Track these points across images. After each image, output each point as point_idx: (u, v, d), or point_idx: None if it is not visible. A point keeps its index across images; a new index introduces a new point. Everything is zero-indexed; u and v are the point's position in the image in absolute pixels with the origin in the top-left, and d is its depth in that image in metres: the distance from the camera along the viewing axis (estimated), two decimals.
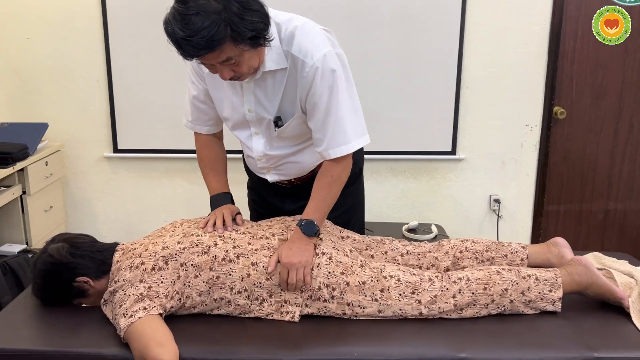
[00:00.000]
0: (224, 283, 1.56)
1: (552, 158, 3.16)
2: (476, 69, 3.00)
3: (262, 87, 1.57)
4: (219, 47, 1.35)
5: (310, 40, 1.50)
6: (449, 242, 1.78)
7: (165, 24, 1.37)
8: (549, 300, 1.61)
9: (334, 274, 1.58)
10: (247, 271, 1.56)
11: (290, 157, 1.72)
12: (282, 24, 1.51)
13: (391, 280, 1.59)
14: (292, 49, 1.50)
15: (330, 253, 1.61)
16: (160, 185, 3.18)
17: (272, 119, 1.61)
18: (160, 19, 2.97)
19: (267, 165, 1.75)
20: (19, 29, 2.96)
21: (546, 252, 1.75)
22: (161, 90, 2.99)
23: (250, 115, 1.63)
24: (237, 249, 1.59)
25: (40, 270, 1.61)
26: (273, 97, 1.58)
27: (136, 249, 1.61)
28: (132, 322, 1.43)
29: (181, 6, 1.34)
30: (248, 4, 1.36)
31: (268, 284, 1.57)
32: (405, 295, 1.58)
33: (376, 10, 2.88)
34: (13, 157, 2.59)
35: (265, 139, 1.68)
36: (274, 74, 1.54)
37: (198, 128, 1.80)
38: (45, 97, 3.05)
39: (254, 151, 1.71)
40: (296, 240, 1.58)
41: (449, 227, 3.17)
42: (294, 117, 1.60)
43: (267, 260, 1.58)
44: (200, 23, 1.31)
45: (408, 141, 3.06)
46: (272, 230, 1.68)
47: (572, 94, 3.09)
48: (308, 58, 1.49)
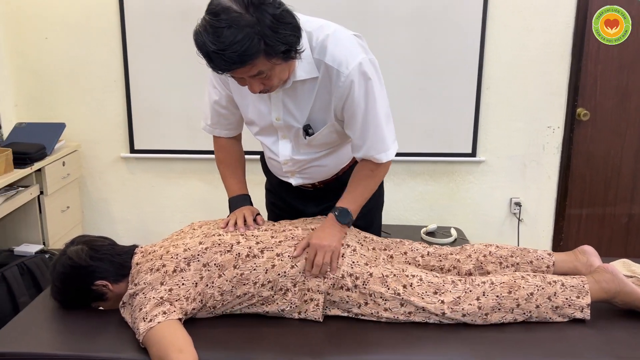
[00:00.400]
0: (247, 279, 1.53)
1: (574, 160, 3.10)
2: (497, 69, 2.94)
3: (292, 96, 1.54)
4: (251, 61, 1.31)
5: (344, 48, 1.46)
6: (472, 246, 1.74)
7: (196, 35, 1.32)
8: (577, 307, 1.56)
9: (358, 263, 1.57)
10: (271, 262, 1.54)
11: (316, 161, 1.70)
12: (312, 32, 1.47)
13: (414, 279, 1.57)
14: (326, 58, 1.45)
15: (354, 246, 1.61)
16: (176, 186, 3.17)
17: (301, 127, 1.58)
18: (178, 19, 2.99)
19: (293, 169, 1.72)
20: (37, 29, 2.96)
21: (574, 260, 1.71)
22: (178, 91, 2.98)
23: (278, 123, 1.60)
24: (261, 244, 1.57)
25: (59, 273, 1.59)
26: (303, 106, 1.55)
27: (156, 252, 1.59)
28: (151, 327, 1.41)
29: (213, 18, 1.29)
30: (281, 17, 1.32)
31: (293, 272, 1.55)
32: (428, 294, 1.55)
33: (395, 9, 2.84)
34: (31, 157, 2.59)
35: (293, 144, 1.66)
36: (304, 83, 1.50)
37: (217, 132, 1.78)
38: (62, 97, 3.05)
39: (280, 155, 1.68)
40: (328, 227, 1.58)
41: (468, 231, 3.11)
42: (325, 125, 1.57)
43: (291, 249, 1.56)
44: (232, 37, 1.27)
45: (427, 143, 3.01)
46: (295, 224, 1.68)
47: (596, 95, 3.03)
48: (343, 67, 1.45)
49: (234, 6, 1.28)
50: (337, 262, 1.55)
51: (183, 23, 2.88)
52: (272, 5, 1.30)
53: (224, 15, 1.27)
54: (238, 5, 1.28)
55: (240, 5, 1.28)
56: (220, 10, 1.28)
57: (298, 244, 1.57)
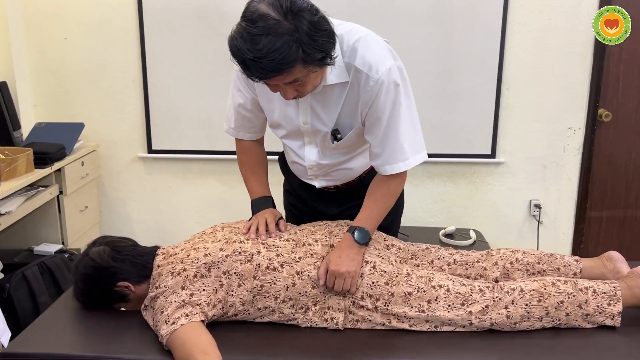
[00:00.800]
0: (268, 292, 1.52)
1: (595, 162, 3.05)
2: (518, 69, 2.91)
3: (320, 100, 1.52)
4: (288, 69, 1.28)
5: (374, 52, 1.44)
6: (498, 252, 1.71)
7: (231, 41, 1.28)
8: (607, 314, 1.52)
9: (378, 284, 1.53)
10: (292, 280, 1.52)
11: (341, 164, 1.68)
12: (343, 35, 1.44)
13: (440, 291, 1.53)
14: (356, 61, 1.43)
15: (374, 262, 1.56)
16: (193, 186, 3.16)
17: (329, 132, 1.56)
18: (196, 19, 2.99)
19: (318, 173, 1.71)
20: (56, 29, 2.97)
21: (601, 267, 1.67)
22: (196, 91, 2.98)
23: (306, 127, 1.58)
24: (281, 257, 1.55)
25: (81, 274, 1.59)
26: (332, 110, 1.53)
27: (177, 254, 1.58)
28: (174, 329, 1.40)
29: (250, 25, 1.25)
30: (319, 24, 1.29)
31: (314, 292, 1.53)
32: (455, 307, 1.52)
33: (414, 9, 2.81)
34: (51, 157, 2.60)
35: (319, 149, 1.64)
36: (333, 87, 1.48)
37: (240, 135, 1.76)
38: (81, 97, 3.06)
39: (306, 160, 1.66)
40: (345, 248, 1.54)
41: (487, 233, 3.08)
42: (353, 129, 1.55)
43: (311, 268, 1.54)
44: (270, 45, 1.24)
45: (446, 143, 2.98)
46: (316, 236, 1.64)
47: (618, 95, 2.98)
48: (373, 72, 1.43)
49: (271, 13, 1.25)
50: (356, 284, 1.52)
51: (201, 23, 2.88)
52: (310, 12, 1.27)
53: (262, 23, 1.24)
54: (276, 12, 1.25)
55: (279, 12, 1.25)
56: (258, 17, 1.25)
57: (320, 268, 1.53)
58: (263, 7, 1.26)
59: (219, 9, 2.84)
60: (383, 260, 1.58)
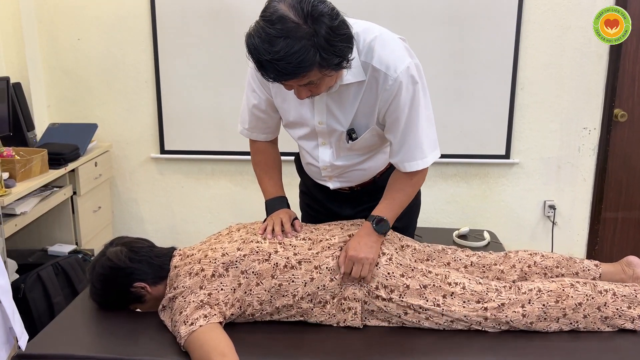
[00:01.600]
0: (287, 290, 1.51)
1: (611, 163, 3.02)
2: (532, 69, 2.88)
3: (336, 99, 1.51)
4: (304, 73, 1.28)
5: (391, 51, 1.43)
6: (516, 254, 1.69)
7: (248, 39, 1.27)
8: (627, 318, 1.50)
9: (394, 275, 1.53)
10: (310, 275, 1.52)
11: (356, 165, 1.67)
12: (359, 33, 1.43)
13: (456, 288, 1.53)
14: (373, 60, 1.42)
15: (391, 254, 1.57)
16: (206, 187, 3.16)
17: (345, 131, 1.55)
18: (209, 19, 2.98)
19: (332, 174, 1.70)
20: (70, 30, 2.98)
21: (620, 272, 1.65)
22: (208, 92, 2.98)
23: (321, 127, 1.57)
24: (298, 256, 1.54)
25: (98, 274, 1.59)
26: (348, 110, 1.52)
27: (194, 255, 1.58)
28: (193, 331, 1.40)
29: (268, 26, 1.24)
30: (338, 28, 1.27)
31: (332, 285, 1.52)
32: (470, 303, 1.51)
33: (428, 8, 2.79)
34: (65, 157, 2.60)
35: (333, 150, 1.63)
36: (349, 87, 1.47)
37: (255, 136, 1.75)
38: (94, 97, 3.07)
39: (320, 161, 1.66)
40: (364, 235, 1.54)
41: (501, 234, 3.05)
42: (368, 130, 1.54)
43: (329, 260, 1.53)
44: (288, 48, 1.22)
45: (459, 144, 2.96)
46: (332, 233, 1.64)
47: (634, 95, 2.94)
48: (391, 70, 1.41)
49: (291, 15, 1.24)
50: (372, 272, 1.52)
51: (214, 23, 2.88)
52: (330, 16, 1.26)
53: (280, 25, 1.23)
54: (296, 14, 1.24)
55: (298, 15, 1.24)
56: (277, 19, 1.24)
57: (339, 258, 1.53)
58: (283, 8, 1.24)
59: (232, 9, 2.83)
60: (399, 255, 1.59)
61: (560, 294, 1.51)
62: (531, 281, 1.60)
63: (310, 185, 1.86)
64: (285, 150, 1.88)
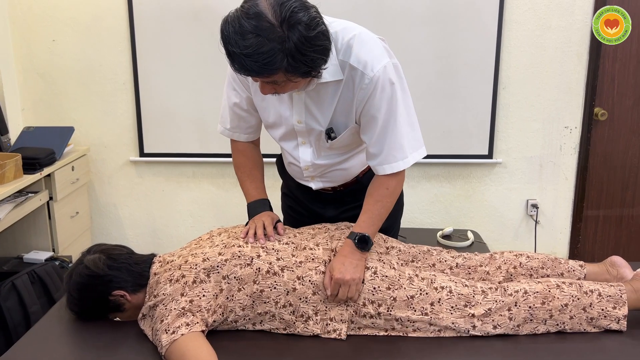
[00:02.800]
0: (268, 297, 1.48)
1: (592, 161, 3.04)
2: (514, 68, 2.89)
3: (314, 98, 1.48)
4: (268, 75, 1.27)
5: (369, 50, 1.41)
6: (501, 255, 1.68)
7: (224, 24, 1.25)
8: (612, 318, 1.50)
9: (380, 289, 1.50)
10: (292, 285, 1.48)
11: (338, 165, 1.65)
12: (338, 32, 1.41)
13: (442, 292, 1.50)
14: (351, 59, 1.40)
15: (375, 267, 1.53)
16: (187, 190, 3.11)
17: (324, 130, 1.53)
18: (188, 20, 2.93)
19: (314, 173, 1.67)
20: (45, 31, 2.91)
21: (604, 273, 1.65)
22: (188, 93, 2.93)
23: (300, 126, 1.54)
24: (281, 261, 1.51)
25: (75, 283, 1.54)
26: (326, 109, 1.49)
27: (174, 261, 1.54)
28: (174, 339, 1.36)
29: (244, 18, 1.22)
30: (313, 39, 1.25)
31: (314, 299, 1.49)
32: (458, 308, 1.49)
33: (409, 9, 2.78)
34: (41, 162, 2.53)
35: (313, 149, 1.60)
36: (327, 85, 1.45)
37: (236, 136, 1.71)
38: (71, 100, 3.00)
39: (301, 161, 1.63)
40: (348, 255, 1.50)
41: (484, 234, 3.06)
42: (347, 128, 1.52)
43: (312, 273, 1.50)
44: (257, 46, 1.21)
45: (442, 144, 2.96)
46: (316, 239, 1.60)
47: (614, 94, 2.97)
48: (368, 69, 1.40)
49: (268, 15, 1.22)
50: (360, 290, 1.49)
51: (194, 24, 2.83)
52: (307, 26, 1.23)
53: (255, 21, 1.21)
54: (273, 15, 1.22)
55: (275, 17, 1.22)
56: (254, 15, 1.22)
57: (324, 279, 1.49)
58: (263, 5, 1.23)
59: (212, 9, 2.79)
60: (384, 265, 1.55)
61: (546, 295, 1.50)
62: (517, 282, 1.59)
63: (292, 187, 1.83)
64: (267, 152, 1.84)
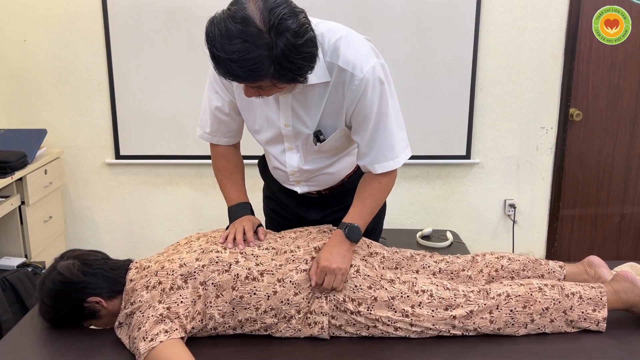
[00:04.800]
0: (248, 303, 1.45)
1: (567, 161, 3.09)
2: (491, 69, 2.91)
3: (302, 101, 1.46)
4: (254, 81, 1.25)
5: (357, 51, 1.40)
6: (483, 258, 1.68)
7: (210, 25, 1.21)
8: (592, 321, 1.51)
9: (361, 287, 1.49)
10: (273, 288, 1.46)
11: (324, 169, 1.63)
12: (324, 34, 1.39)
13: (423, 296, 1.50)
14: (339, 60, 1.39)
15: (357, 265, 1.52)
16: (164, 193, 3.06)
17: (312, 133, 1.51)
18: (164, 20, 2.88)
19: (300, 178, 1.65)
20: (16, 30, 2.83)
21: (583, 274, 1.67)
22: (165, 94, 2.88)
23: (287, 130, 1.52)
24: (261, 266, 1.48)
25: (49, 290, 1.49)
26: (313, 112, 1.47)
27: (151, 267, 1.50)
28: (153, 347, 1.33)
29: (231, 21, 1.18)
30: (301, 46, 1.22)
31: (296, 300, 1.47)
32: (439, 311, 1.49)
33: (387, 9, 2.79)
34: (12, 166, 2.47)
35: (300, 154, 1.58)
36: (314, 88, 1.43)
37: (216, 140, 1.68)
38: (43, 101, 2.92)
39: (288, 166, 1.61)
40: (336, 245, 1.50)
41: (463, 234, 3.07)
42: (336, 131, 1.50)
43: (293, 273, 1.48)
44: (244, 52, 1.18)
45: (421, 145, 2.96)
46: (297, 242, 1.58)
47: (588, 95, 3.02)
48: (357, 70, 1.38)
49: (256, 20, 1.18)
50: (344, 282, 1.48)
51: (170, 23, 2.79)
52: (296, 33, 1.20)
53: (242, 26, 1.18)
54: (262, 21, 1.18)
55: (263, 23, 1.18)
56: (241, 19, 1.18)
57: (310, 270, 1.48)
58: (251, 9, 1.19)
59: (189, 8, 2.75)
60: (367, 264, 1.55)
61: (528, 299, 1.50)
62: (500, 283, 1.59)
63: (275, 190, 1.80)
64: (248, 153, 1.82)
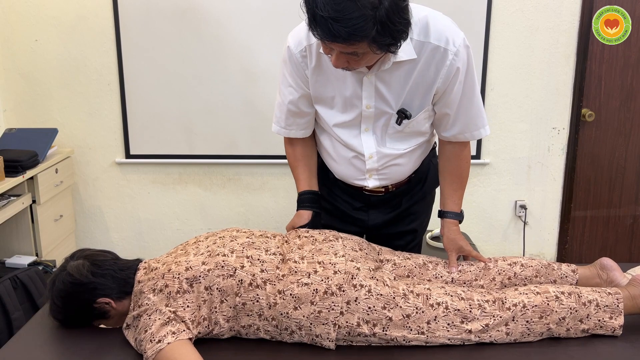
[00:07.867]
0: (251, 310, 1.44)
1: (579, 162, 3.05)
2: (502, 69, 2.89)
3: (386, 80, 1.46)
4: (355, 42, 1.23)
5: (447, 26, 1.44)
6: (495, 264, 1.65)
7: None
8: (608, 329, 1.48)
9: (375, 309, 1.43)
10: (273, 299, 1.43)
11: (398, 158, 1.62)
12: (411, 8, 1.38)
13: (439, 309, 1.45)
14: (431, 38, 1.41)
15: (369, 285, 1.45)
16: (173, 192, 3.07)
17: (394, 113, 1.52)
18: (175, 19, 2.89)
19: (376, 165, 1.63)
20: (27, 30, 2.85)
21: (595, 277, 1.64)
22: (175, 93, 2.89)
23: (368, 112, 1.52)
24: (264, 274, 1.46)
25: (59, 290, 1.49)
26: (398, 91, 1.48)
27: (158, 269, 1.49)
28: (160, 349, 1.32)
29: None
30: (402, 10, 1.23)
31: (296, 314, 1.42)
32: (455, 325, 1.45)
33: None
34: (23, 165, 2.48)
35: (377, 135, 1.58)
36: (400, 65, 1.44)
37: (292, 133, 1.68)
38: (54, 101, 2.94)
39: (365, 148, 1.59)
40: (459, 231, 1.70)
41: (473, 234, 3.05)
42: (423, 110, 1.52)
43: (294, 286, 1.43)
44: (349, 11, 1.18)
45: None
46: (302, 252, 1.53)
47: (601, 95, 2.98)
48: (450, 45, 1.42)
49: None
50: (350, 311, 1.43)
51: (180, 23, 2.79)
52: None
53: None
54: None
55: None
56: None
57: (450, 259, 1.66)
58: None
59: (198, 8, 2.75)
60: (378, 283, 1.47)
61: (544, 309, 1.47)
62: (514, 289, 1.55)
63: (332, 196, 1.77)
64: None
